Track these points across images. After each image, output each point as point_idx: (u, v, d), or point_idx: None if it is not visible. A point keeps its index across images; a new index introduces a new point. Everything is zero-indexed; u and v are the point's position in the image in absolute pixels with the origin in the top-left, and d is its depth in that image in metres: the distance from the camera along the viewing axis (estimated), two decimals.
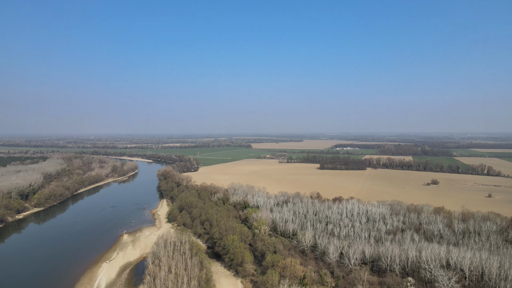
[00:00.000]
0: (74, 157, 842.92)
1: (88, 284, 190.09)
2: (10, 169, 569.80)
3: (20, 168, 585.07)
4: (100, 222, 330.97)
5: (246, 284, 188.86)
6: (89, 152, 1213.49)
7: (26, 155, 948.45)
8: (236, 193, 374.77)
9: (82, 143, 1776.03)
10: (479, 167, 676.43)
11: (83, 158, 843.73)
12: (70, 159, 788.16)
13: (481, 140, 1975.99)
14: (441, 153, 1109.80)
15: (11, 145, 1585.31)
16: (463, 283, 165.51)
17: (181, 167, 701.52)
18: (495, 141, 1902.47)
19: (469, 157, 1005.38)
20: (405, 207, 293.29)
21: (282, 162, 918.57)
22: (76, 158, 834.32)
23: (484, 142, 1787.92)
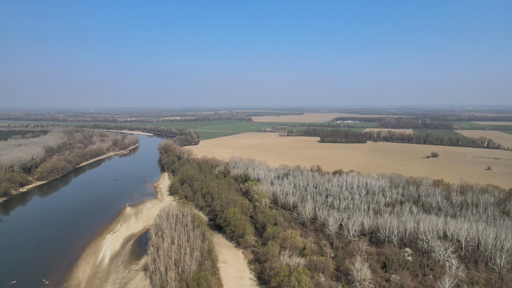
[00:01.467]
0: (74, 131, 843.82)
1: (93, 255, 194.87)
2: (11, 142, 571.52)
3: (21, 141, 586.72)
4: (103, 195, 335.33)
5: (247, 255, 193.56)
6: (89, 125, 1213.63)
7: (26, 129, 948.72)
8: (237, 166, 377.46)
9: (82, 117, 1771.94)
10: (479, 140, 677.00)
11: (84, 132, 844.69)
12: (71, 133, 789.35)
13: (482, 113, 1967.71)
14: (441, 126, 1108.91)
15: (11, 119, 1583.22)
16: (459, 253, 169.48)
17: (182, 141, 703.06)
18: (497, 113, 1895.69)
19: (469, 130, 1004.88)
20: (405, 180, 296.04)
21: (282, 135, 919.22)
22: (76, 131, 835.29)
23: (485, 114, 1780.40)
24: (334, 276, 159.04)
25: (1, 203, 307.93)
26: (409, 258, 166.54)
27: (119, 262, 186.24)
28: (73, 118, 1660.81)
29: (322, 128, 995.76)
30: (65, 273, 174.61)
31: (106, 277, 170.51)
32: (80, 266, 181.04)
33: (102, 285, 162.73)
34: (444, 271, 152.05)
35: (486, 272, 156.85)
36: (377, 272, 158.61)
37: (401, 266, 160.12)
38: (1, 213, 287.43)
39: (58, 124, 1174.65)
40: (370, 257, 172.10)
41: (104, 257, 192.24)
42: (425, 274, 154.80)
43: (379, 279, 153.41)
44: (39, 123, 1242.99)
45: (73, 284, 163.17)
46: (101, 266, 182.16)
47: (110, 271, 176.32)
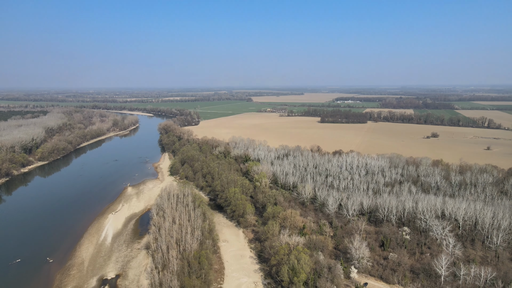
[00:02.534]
0: (74, 111, 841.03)
1: (96, 234, 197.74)
2: (11, 123, 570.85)
3: (21, 122, 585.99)
4: (104, 175, 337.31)
5: (247, 234, 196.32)
6: (89, 106, 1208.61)
7: (26, 109, 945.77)
8: (237, 147, 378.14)
9: (81, 97, 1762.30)
10: (479, 120, 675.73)
11: (84, 112, 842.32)
12: (71, 113, 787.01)
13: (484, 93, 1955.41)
14: (442, 106, 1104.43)
15: (10, 99, 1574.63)
16: (456, 232, 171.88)
17: (182, 121, 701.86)
18: (498, 93, 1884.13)
19: (470, 109, 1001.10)
20: (404, 160, 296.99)
21: (282, 115, 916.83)
22: (76, 112, 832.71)
23: (487, 94, 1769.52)
24: (333, 254, 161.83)
25: (3, 184, 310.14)
26: (407, 237, 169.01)
27: (121, 241, 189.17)
28: (72, 99, 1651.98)
29: (322, 108, 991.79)
30: (68, 251, 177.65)
31: (109, 255, 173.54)
32: (83, 245, 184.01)
33: (105, 263, 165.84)
34: (441, 249, 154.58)
35: (483, 251, 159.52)
36: (375, 250, 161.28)
37: (399, 245, 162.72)
38: (4, 193, 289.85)
39: (57, 105, 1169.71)
40: (368, 236, 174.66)
41: (107, 236, 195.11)
42: (422, 252, 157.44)
43: (377, 257, 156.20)
44: (39, 104, 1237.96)
45: (77, 262, 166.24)
46: (104, 244, 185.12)
47: (112, 250, 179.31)
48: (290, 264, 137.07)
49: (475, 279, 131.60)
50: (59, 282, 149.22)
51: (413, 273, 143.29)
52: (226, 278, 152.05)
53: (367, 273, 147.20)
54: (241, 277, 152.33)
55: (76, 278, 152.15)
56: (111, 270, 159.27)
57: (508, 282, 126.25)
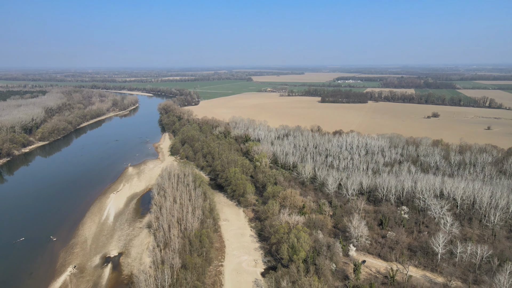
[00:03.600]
0: (73, 91, 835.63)
1: (98, 213, 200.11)
2: (10, 103, 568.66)
3: (21, 102, 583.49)
4: (105, 155, 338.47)
5: (248, 213, 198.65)
6: (88, 86, 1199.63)
7: (25, 89, 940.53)
8: (237, 127, 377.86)
9: (80, 77, 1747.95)
10: (481, 100, 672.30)
11: (83, 92, 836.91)
12: (70, 93, 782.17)
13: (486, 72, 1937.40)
14: (444, 85, 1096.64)
15: (8, 79, 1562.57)
16: (454, 211, 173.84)
17: (182, 101, 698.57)
18: (501, 72, 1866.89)
19: (472, 89, 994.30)
20: (404, 140, 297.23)
21: (283, 95, 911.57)
22: (75, 92, 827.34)
23: (489, 73, 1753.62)
24: (332, 233, 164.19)
25: (5, 164, 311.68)
26: (405, 216, 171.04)
27: (123, 220, 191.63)
28: (71, 78, 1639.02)
29: (323, 88, 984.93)
30: (71, 230, 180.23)
31: (111, 234, 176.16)
32: (85, 224, 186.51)
33: (107, 241, 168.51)
34: (439, 228, 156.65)
35: (480, 229, 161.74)
36: (374, 229, 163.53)
37: (397, 224, 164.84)
38: (5, 173, 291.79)
39: (56, 84, 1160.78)
40: (367, 215, 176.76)
41: (109, 215, 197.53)
42: (420, 231, 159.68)
43: (375, 236, 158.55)
44: (37, 83, 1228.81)
45: (80, 240, 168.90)
46: (106, 223, 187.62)
47: (115, 229, 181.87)
48: (290, 243, 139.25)
49: (471, 256, 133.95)
50: (63, 260, 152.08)
51: (410, 251, 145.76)
52: (227, 256, 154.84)
53: (365, 251, 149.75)
54: (242, 255, 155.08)
55: (79, 256, 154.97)
56: (114, 248, 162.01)
57: (504, 259, 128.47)
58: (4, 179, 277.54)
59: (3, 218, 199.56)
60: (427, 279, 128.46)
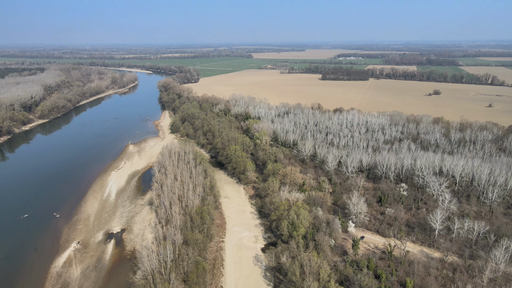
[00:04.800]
0: (72, 69, 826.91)
1: (100, 191, 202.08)
2: (9, 80, 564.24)
3: (19, 79, 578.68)
4: (105, 133, 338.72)
5: (248, 191, 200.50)
6: (86, 63, 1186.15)
7: (23, 66, 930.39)
8: (237, 104, 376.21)
9: (78, 54, 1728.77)
10: (483, 77, 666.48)
11: (81, 70, 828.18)
12: (68, 71, 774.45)
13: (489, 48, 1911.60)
14: (446, 62, 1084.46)
15: (6, 56, 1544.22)
16: (452, 188, 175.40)
17: (182, 78, 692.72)
18: (504, 49, 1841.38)
19: (474, 66, 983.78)
20: (405, 118, 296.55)
21: (283, 72, 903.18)
22: (74, 69, 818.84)
23: (492, 50, 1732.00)
24: (331, 210, 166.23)
25: (6, 142, 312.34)
26: (404, 193, 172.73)
27: (125, 197, 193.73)
28: (69, 55, 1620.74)
29: (323, 65, 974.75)
30: (74, 207, 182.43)
31: (113, 211, 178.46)
32: (88, 201, 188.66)
33: (110, 218, 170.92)
34: (437, 204, 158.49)
35: (477, 206, 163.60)
36: (373, 206, 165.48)
37: (396, 201, 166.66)
38: (7, 151, 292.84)
39: (54, 62, 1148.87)
40: (367, 192, 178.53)
41: (111, 193, 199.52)
42: (418, 208, 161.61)
43: (374, 213, 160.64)
44: (35, 60, 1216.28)
45: (83, 217, 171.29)
46: (108, 200, 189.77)
47: (117, 206, 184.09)
48: (290, 219, 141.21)
49: (468, 232, 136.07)
50: (66, 236, 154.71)
51: (408, 227, 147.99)
52: (228, 233, 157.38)
53: (364, 228, 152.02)
54: (242, 231, 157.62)
55: (83, 232, 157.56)
56: (116, 225, 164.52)
57: (500, 235, 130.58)
58: (6, 157, 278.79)
59: (6, 195, 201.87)
60: (424, 254, 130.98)
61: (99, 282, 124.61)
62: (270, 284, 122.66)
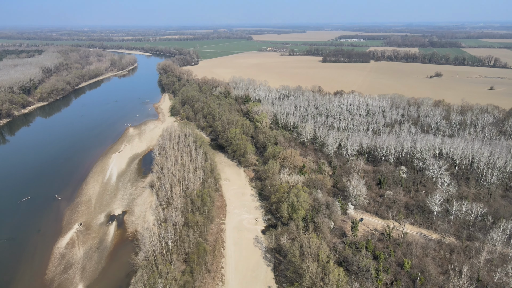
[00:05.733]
0: (70, 51, 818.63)
1: (101, 173, 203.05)
2: (7, 63, 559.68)
3: (17, 62, 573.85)
4: (105, 116, 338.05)
5: (248, 173, 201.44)
6: (84, 45, 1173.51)
7: (20, 48, 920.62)
8: (237, 87, 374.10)
9: (76, 36, 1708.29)
10: (485, 59, 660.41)
11: (80, 52, 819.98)
12: (67, 53, 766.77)
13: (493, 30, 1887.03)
14: (449, 44, 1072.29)
15: (2, 38, 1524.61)
16: (452, 171, 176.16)
17: (181, 61, 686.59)
18: (508, 30, 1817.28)
19: (477, 48, 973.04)
20: (406, 100, 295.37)
21: (284, 54, 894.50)
22: (72, 51, 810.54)
23: (496, 31, 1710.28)
24: (331, 192, 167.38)
25: (6, 124, 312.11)
26: (404, 176, 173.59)
27: (126, 180, 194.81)
28: (67, 37, 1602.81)
29: (324, 47, 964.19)
30: (75, 189, 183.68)
31: (114, 193, 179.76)
32: (89, 183, 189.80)
33: (111, 200, 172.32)
34: (436, 187, 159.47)
35: (476, 188, 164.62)
36: (372, 188, 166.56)
37: (396, 183, 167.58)
38: (7, 133, 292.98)
39: (52, 43, 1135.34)
40: (366, 175, 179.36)
41: (112, 175, 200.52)
42: (417, 190, 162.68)
43: (373, 195, 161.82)
44: (33, 42, 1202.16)
45: (85, 199, 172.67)
46: (109, 183, 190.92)
47: (118, 188, 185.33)
48: (290, 202, 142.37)
49: (466, 214, 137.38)
50: (69, 218, 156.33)
51: (407, 209, 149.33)
52: (228, 215, 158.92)
53: (363, 210, 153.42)
54: (243, 214, 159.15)
55: (85, 214, 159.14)
56: (118, 207, 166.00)
57: (498, 217, 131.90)
58: (6, 140, 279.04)
59: (7, 177, 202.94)
60: (422, 235, 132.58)
61: (102, 262, 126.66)
62: (270, 265, 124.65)
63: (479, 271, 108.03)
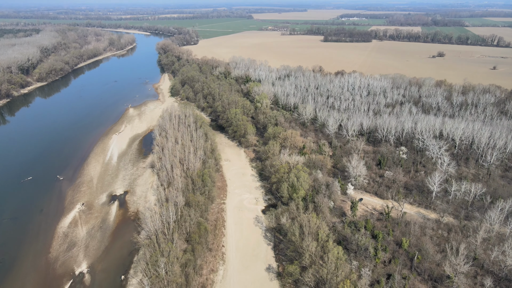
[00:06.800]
0: (68, 30, 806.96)
1: (102, 154, 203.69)
2: (4, 42, 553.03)
3: (15, 41, 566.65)
4: (104, 96, 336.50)
5: (249, 154, 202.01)
6: (82, 24, 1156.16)
7: (17, 27, 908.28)
8: (237, 67, 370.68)
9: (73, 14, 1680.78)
10: (489, 38, 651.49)
11: (78, 31, 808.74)
12: (64, 32, 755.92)
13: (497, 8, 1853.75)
14: (452, 23, 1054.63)
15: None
16: (452, 152, 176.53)
17: (181, 40, 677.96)
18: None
19: (481, 27, 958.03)
20: (407, 81, 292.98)
21: (284, 34, 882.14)
22: (70, 30, 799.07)
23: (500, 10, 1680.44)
24: (331, 172, 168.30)
25: (5, 105, 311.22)
26: (404, 156, 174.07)
27: (127, 160, 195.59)
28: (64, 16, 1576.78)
29: (326, 26, 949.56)
30: (77, 170, 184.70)
31: (116, 173, 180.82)
32: (90, 164, 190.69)
33: (113, 180, 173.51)
34: (436, 167, 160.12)
35: (475, 169, 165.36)
36: (372, 169, 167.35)
37: (395, 164, 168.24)
38: (6, 114, 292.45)
39: (49, 22, 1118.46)
40: (366, 156, 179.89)
41: (112, 156, 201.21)
42: (417, 171, 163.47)
43: (373, 175, 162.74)
44: (30, 21, 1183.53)
45: (86, 179, 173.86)
46: (110, 164, 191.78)
47: (119, 168, 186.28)
48: (290, 182, 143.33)
49: (465, 194, 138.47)
50: (71, 198, 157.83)
51: (406, 189, 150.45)
52: (229, 195, 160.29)
53: (363, 190, 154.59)
54: (243, 194, 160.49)
55: (87, 194, 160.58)
56: (119, 187, 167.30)
57: (496, 197, 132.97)
58: (6, 120, 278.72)
59: (8, 158, 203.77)
60: (421, 215, 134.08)
61: (105, 241, 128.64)
62: (270, 243, 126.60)
63: (476, 249, 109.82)
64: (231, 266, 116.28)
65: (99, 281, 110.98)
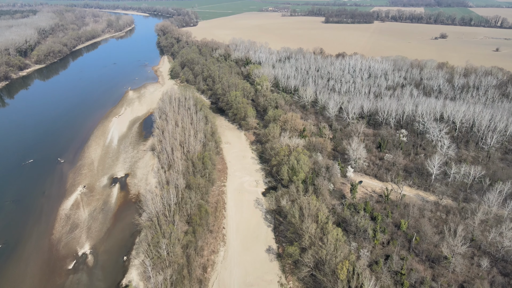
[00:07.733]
0: (65, 11, 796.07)
1: (102, 137, 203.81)
2: (1, 24, 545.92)
3: (12, 23, 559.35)
4: (103, 79, 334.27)
5: (249, 137, 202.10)
6: (80, 5, 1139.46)
7: (14, 8, 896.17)
8: (237, 49, 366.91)
9: None
10: (492, 19, 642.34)
11: (75, 12, 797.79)
12: (62, 13, 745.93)
13: None
14: (456, 3, 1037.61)
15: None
16: (452, 134, 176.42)
17: (180, 21, 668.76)
18: None
19: (485, 7, 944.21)
20: (409, 63, 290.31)
21: (285, 15, 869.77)
22: (67, 11, 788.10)
23: None
24: (331, 155, 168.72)
25: (4, 87, 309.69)
26: (404, 139, 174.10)
27: (127, 143, 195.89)
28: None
29: (327, 7, 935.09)
30: (77, 153, 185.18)
31: (116, 156, 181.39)
32: (91, 147, 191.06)
33: (113, 163, 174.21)
34: (436, 150, 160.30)
35: (475, 151, 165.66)
36: (372, 151, 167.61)
37: (395, 146, 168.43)
38: (6, 96, 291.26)
39: (46, 3, 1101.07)
40: (366, 138, 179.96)
41: (113, 139, 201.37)
42: (417, 153, 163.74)
43: (373, 158, 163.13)
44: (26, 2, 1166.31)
45: (87, 162, 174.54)
46: (111, 146, 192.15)
47: (119, 151, 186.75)
48: (290, 164, 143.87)
49: (464, 177, 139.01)
50: (72, 180, 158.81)
51: (406, 172, 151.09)
52: (229, 177, 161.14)
53: (362, 172, 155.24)
54: (243, 176, 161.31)
55: (88, 177, 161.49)
56: (120, 170, 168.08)
57: (495, 180, 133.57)
58: (6, 103, 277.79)
59: (8, 140, 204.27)
60: (420, 197, 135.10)
61: (107, 223, 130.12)
62: (270, 225, 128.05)
63: (474, 231, 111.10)
64: (232, 247, 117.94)
65: (102, 261, 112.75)
